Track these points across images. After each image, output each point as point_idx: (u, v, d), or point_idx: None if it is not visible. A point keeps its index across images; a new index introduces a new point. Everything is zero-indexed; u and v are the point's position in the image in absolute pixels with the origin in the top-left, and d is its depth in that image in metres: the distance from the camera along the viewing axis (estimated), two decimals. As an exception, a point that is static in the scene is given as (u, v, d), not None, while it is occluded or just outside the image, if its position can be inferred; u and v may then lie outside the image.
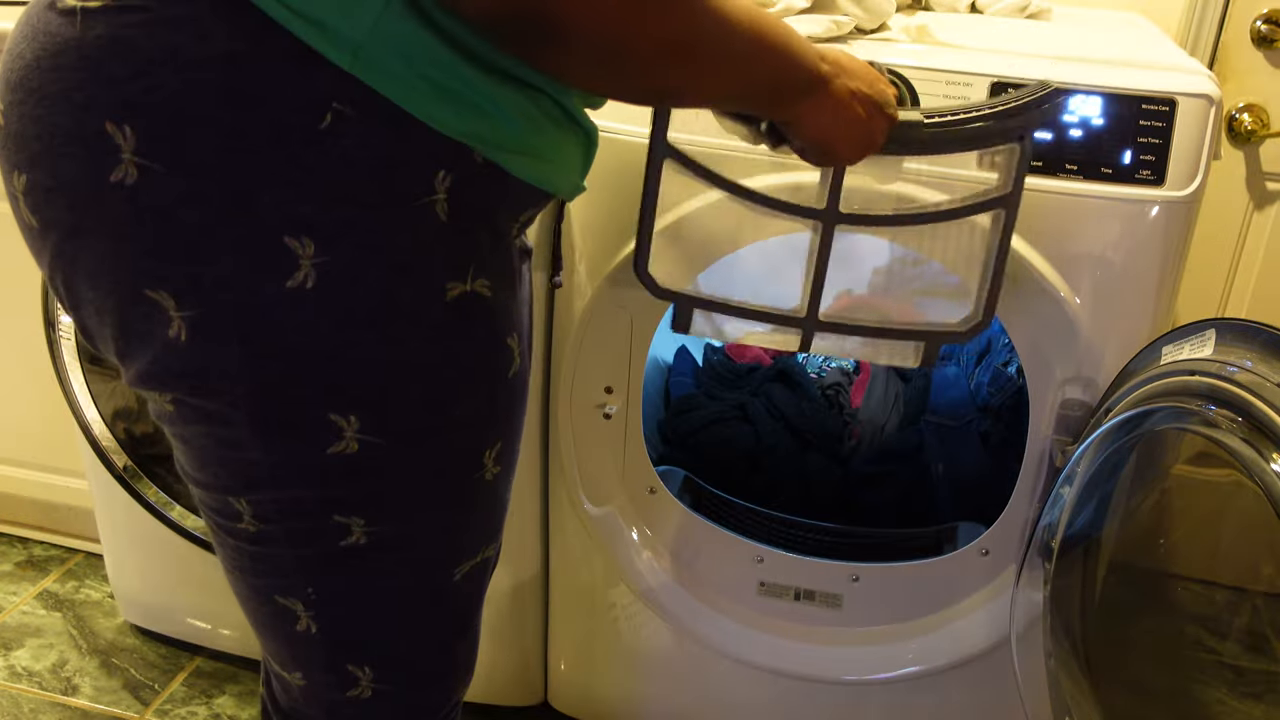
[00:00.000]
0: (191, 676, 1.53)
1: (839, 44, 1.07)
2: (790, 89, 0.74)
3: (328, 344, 0.63)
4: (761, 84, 0.72)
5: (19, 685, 1.49)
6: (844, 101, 0.77)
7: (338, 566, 0.71)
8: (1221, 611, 1.45)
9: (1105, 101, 0.98)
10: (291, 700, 0.82)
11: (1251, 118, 1.54)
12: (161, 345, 0.62)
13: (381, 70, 0.59)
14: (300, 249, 0.60)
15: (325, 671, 0.77)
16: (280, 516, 0.69)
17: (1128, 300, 1.03)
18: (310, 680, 0.78)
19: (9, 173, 0.64)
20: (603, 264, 1.11)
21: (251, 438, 0.65)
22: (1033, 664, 1.13)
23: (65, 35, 0.59)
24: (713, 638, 1.28)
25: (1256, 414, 0.82)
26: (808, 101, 0.76)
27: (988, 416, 1.41)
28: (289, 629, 0.75)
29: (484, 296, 0.68)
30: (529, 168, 0.67)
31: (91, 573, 1.73)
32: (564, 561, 1.32)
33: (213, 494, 0.70)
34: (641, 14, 0.59)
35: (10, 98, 0.62)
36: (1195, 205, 1.00)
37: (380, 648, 0.77)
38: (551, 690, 1.43)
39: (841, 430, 1.47)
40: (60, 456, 1.66)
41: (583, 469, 1.24)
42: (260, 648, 0.82)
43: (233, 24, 0.57)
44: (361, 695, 0.78)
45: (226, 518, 0.71)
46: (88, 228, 0.61)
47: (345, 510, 0.69)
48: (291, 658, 0.78)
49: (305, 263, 0.60)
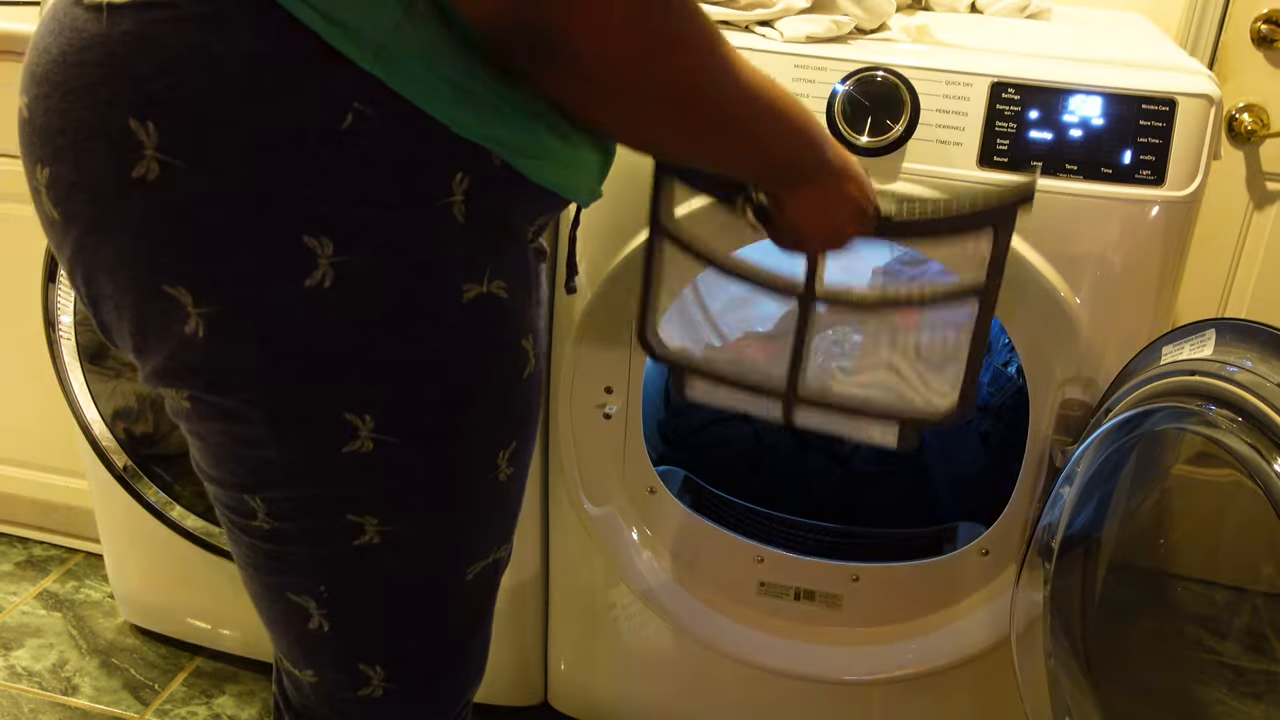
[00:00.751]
0: (191, 676, 1.53)
1: (839, 44, 1.07)
2: (798, 170, 0.77)
3: (345, 343, 0.63)
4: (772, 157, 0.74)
5: (19, 685, 1.49)
6: (837, 199, 0.80)
7: (350, 565, 0.72)
8: (1221, 611, 1.45)
9: (1105, 101, 0.98)
10: (303, 698, 0.82)
11: (1251, 118, 1.54)
12: (178, 342, 0.63)
13: (402, 71, 0.60)
14: (319, 248, 0.60)
15: (336, 670, 0.77)
16: (295, 514, 0.70)
17: (1128, 300, 1.03)
18: (322, 678, 0.78)
19: (32, 166, 0.65)
20: (603, 264, 1.11)
21: (267, 435, 0.65)
22: (1033, 664, 1.12)
23: (91, 31, 0.60)
24: (713, 638, 1.28)
25: (1256, 414, 0.82)
26: (807, 187, 0.78)
27: (988, 416, 1.42)
28: (301, 626, 0.75)
29: (500, 298, 0.68)
30: (546, 172, 0.68)
31: (91, 573, 1.73)
32: (564, 561, 1.32)
33: (228, 491, 0.71)
34: (646, 48, 0.59)
35: (35, 91, 0.63)
36: (1195, 205, 1.00)
37: (392, 647, 0.77)
38: (551, 690, 1.43)
39: (841, 430, 1.47)
40: (60, 456, 1.66)
41: (583, 469, 1.24)
42: (272, 645, 0.82)
43: (257, 23, 0.58)
44: (373, 694, 0.78)
45: (241, 515, 0.71)
46: (109, 223, 0.61)
47: (359, 509, 0.69)
48: (303, 655, 0.78)
49: (324, 262, 0.60)
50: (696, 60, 0.62)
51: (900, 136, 1.01)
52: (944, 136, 1.01)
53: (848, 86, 1.02)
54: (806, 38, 1.06)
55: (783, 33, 1.07)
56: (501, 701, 1.43)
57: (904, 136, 1.01)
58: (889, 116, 1.01)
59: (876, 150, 1.01)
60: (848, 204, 0.82)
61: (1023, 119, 1.00)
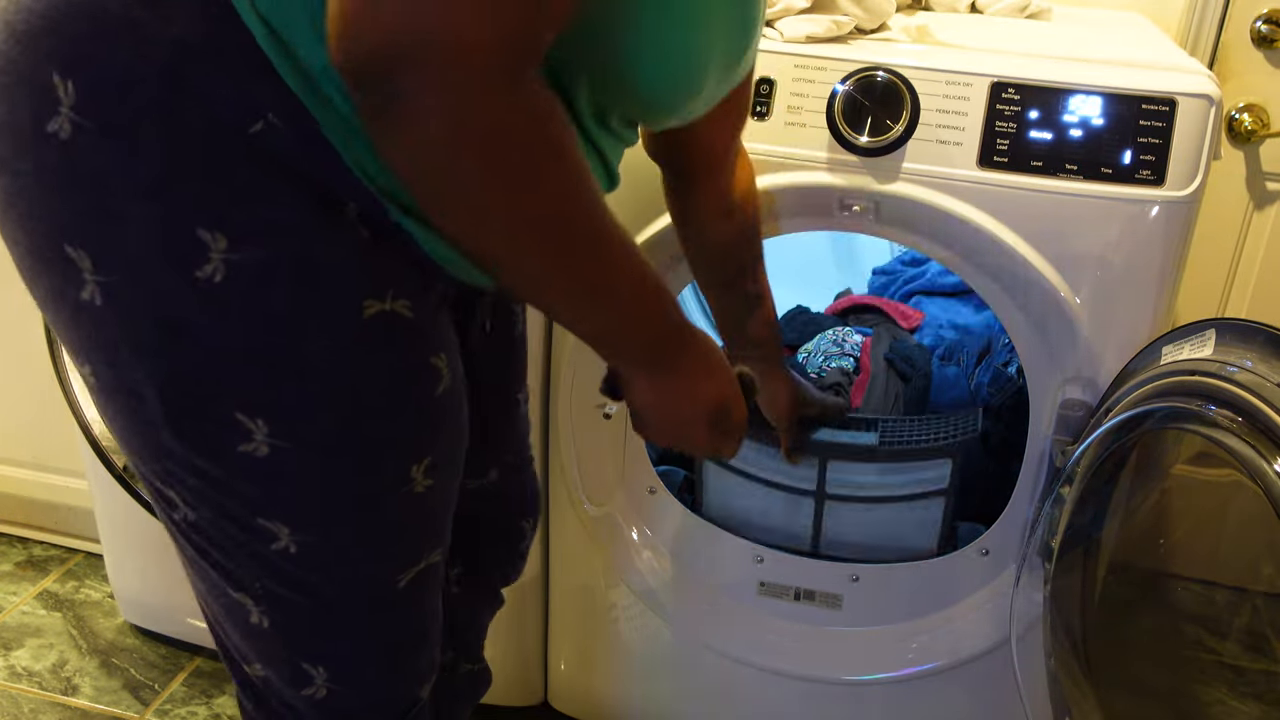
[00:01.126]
0: (191, 676, 1.53)
1: (839, 44, 1.07)
2: (629, 347, 0.70)
3: (232, 342, 0.63)
4: (597, 317, 0.65)
5: (19, 685, 1.49)
6: (687, 397, 0.73)
7: (275, 570, 0.71)
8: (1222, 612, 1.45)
9: (1105, 101, 0.98)
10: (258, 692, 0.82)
11: (1251, 118, 1.54)
12: (75, 306, 0.63)
13: (325, 103, 0.60)
14: (211, 242, 0.60)
15: (281, 665, 0.77)
16: (206, 507, 0.69)
17: (1128, 300, 1.02)
18: (269, 673, 0.78)
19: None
20: (603, 264, 1.11)
21: (163, 419, 0.65)
22: (1033, 664, 1.12)
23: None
24: (713, 638, 1.28)
25: (1256, 414, 0.82)
26: (649, 373, 0.72)
27: (988, 416, 1.41)
28: (245, 622, 0.75)
29: (403, 316, 0.67)
30: (436, 245, 0.67)
31: (91, 573, 1.73)
32: (564, 561, 1.32)
33: (145, 476, 0.71)
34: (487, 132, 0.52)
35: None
36: (1195, 205, 1.00)
37: (329, 650, 0.77)
38: (551, 690, 1.43)
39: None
40: (60, 456, 1.66)
41: (583, 469, 1.24)
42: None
43: (201, 14, 0.59)
44: (316, 695, 0.77)
45: (165, 504, 0.71)
46: (25, 170, 0.62)
47: (267, 514, 0.69)
48: (251, 650, 0.78)
49: (215, 256, 0.60)
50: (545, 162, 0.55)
51: (900, 136, 1.01)
52: (944, 137, 1.01)
53: (848, 86, 1.02)
54: (806, 38, 1.06)
55: (783, 33, 1.07)
56: (501, 701, 1.42)
57: (904, 136, 1.01)
58: (889, 116, 1.01)
59: (876, 150, 1.01)
60: (700, 404, 0.74)
61: (1023, 119, 1.00)
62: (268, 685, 0.80)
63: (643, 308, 0.67)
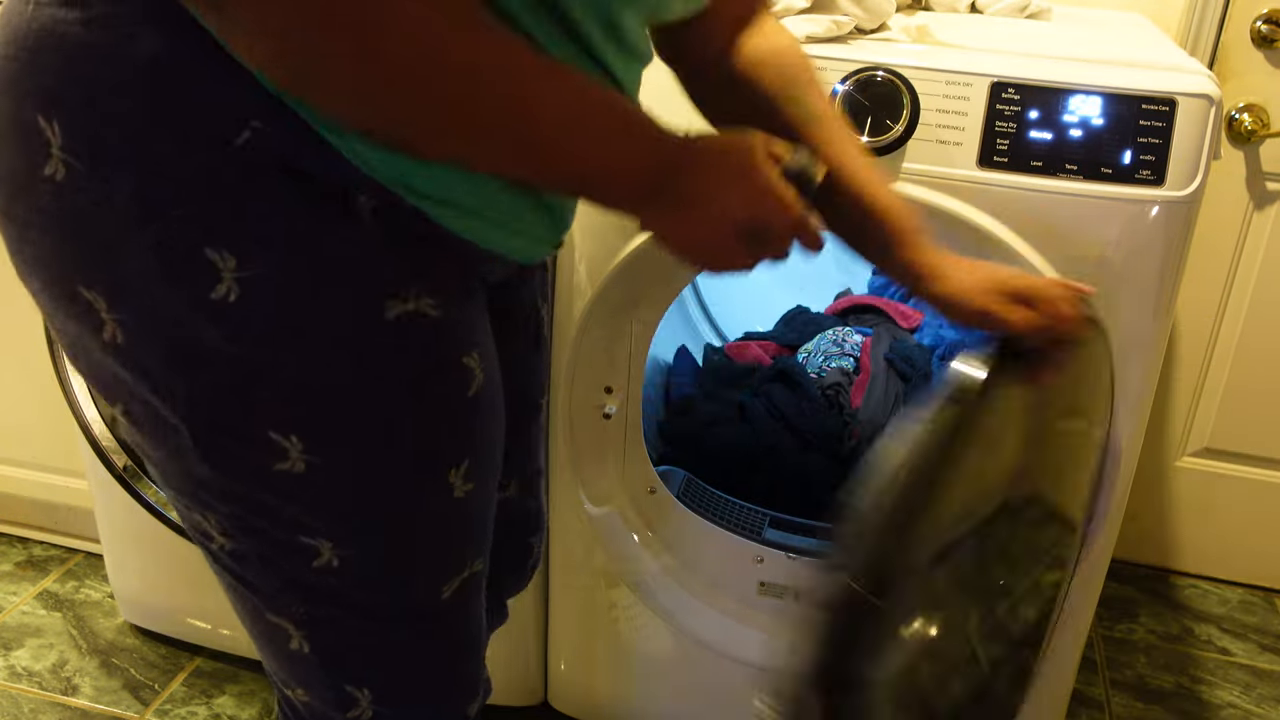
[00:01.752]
0: (191, 676, 1.53)
1: (839, 44, 1.07)
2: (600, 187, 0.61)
3: (255, 361, 0.61)
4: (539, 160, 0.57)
5: (19, 685, 1.49)
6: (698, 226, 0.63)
7: (317, 589, 0.69)
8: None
9: (1105, 101, 0.98)
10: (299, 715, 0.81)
11: (1251, 118, 1.54)
12: (100, 347, 0.62)
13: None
14: (221, 262, 0.58)
15: (324, 689, 0.75)
16: (244, 534, 0.68)
17: (1128, 300, 1.02)
18: (312, 698, 0.77)
19: None
20: (603, 264, 1.11)
21: (195, 449, 0.64)
22: (1033, 664, 1.12)
23: (16, 24, 0.60)
24: (713, 638, 1.28)
25: None
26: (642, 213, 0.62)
27: (988, 416, 1.41)
28: (284, 648, 0.73)
29: (429, 316, 0.65)
30: (459, 221, 0.64)
31: (91, 573, 1.73)
32: (564, 561, 1.32)
33: (181, 510, 0.70)
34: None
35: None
36: (1195, 205, 1.00)
37: (374, 670, 0.75)
38: (551, 690, 1.43)
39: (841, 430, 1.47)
40: (60, 456, 1.66)
41: (583, 469, 1.24)
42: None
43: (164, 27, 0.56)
44: (362, 716, 0.75)
45: (201, 535, 0.70)
46: (29, 219, 0.61)
47: (309, 532, 0.67)
48: (292, 676, 0.76)
49: (227, 276, 0.58)
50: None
51: (900, 137, 1.01)
52: (944, 137, 1.01)
53: (848, 86, 1.02)
54: (806, 38, 1.06)
55: (783, 33, 1.07)
56: (501, 701, 1.42)
57: (904, 137, 1.01)
58: (889, 116, 1.01)
59: (876, 150, 1.01)
60: (723, 225, 0.63)
61: (1023, 119, 1.00)
62: (310, 710, 0.78)
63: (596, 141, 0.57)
